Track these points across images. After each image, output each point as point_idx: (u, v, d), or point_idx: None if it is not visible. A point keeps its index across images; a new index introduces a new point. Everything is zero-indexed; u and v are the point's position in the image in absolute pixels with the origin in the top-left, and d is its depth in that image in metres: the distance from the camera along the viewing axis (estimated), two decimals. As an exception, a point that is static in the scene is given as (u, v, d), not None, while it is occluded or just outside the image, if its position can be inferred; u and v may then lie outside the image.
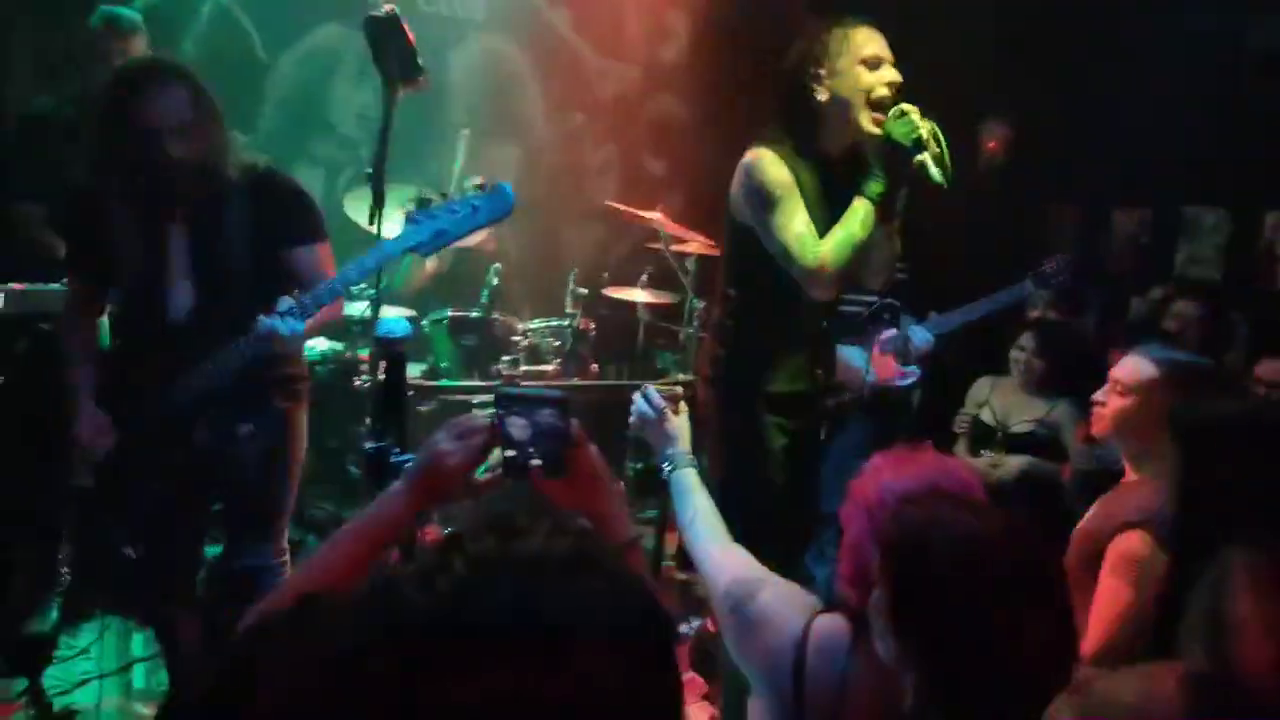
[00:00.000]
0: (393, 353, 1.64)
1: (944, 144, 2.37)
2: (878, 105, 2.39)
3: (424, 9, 4.88)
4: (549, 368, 4.16)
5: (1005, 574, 1.20)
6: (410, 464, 1.34)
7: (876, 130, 2.39)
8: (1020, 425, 3.81)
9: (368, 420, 2.57)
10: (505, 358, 4.11)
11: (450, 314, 4.13)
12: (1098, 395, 2.27)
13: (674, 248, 4.46)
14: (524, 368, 4.10)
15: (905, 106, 2.38)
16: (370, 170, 2.72)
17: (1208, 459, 1.81)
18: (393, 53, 2.70)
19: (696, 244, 4.38)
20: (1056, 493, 3.64)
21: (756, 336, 2.57)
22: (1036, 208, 5.33)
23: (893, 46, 2.49)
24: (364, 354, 3.76)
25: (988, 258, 4.68)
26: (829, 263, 2.37)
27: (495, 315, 4.17)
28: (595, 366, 4.34)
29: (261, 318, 2.19)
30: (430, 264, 4.44)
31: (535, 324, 4.25)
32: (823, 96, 2.40)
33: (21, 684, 2.73)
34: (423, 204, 2.22)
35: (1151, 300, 4.39)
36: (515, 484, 1.30)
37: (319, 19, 4.82)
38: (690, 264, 4.51)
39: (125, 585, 3.13)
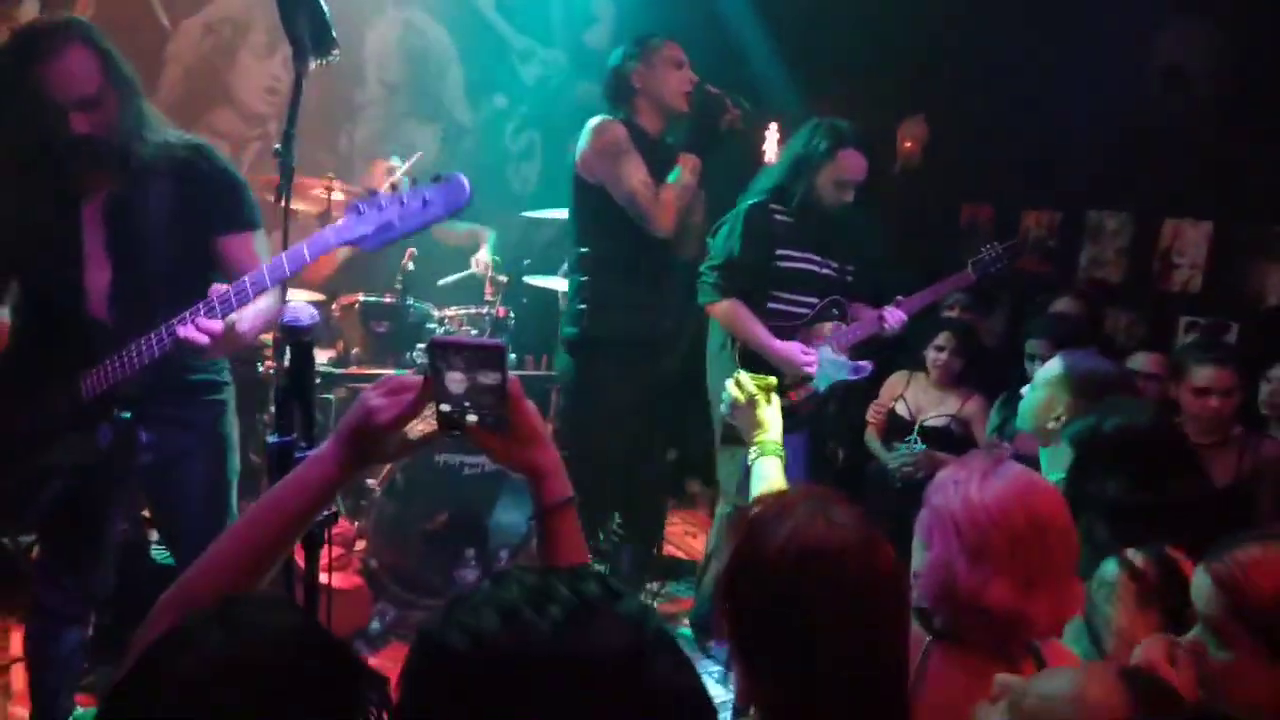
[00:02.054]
0: (299, 342, 1.55)
1: (740, 101, 3.06)
2: (683, 94, 3.10)
3: (340, -20, 4.70)
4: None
5: (843, 580, 1.20)
6: (341, 422, 1.26)
7: (684, 108, 3.11)
8: (934, 419, 3.95)
9: (271, 411, 2.43)
10: (420, 345, 3.99)
11: (362, 298, 3.99)
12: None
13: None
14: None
15: (708, 88, 3.08)
16: (278, 146, 2.60)
17: (1095, 469, 1.88)
18: (305, 23, 2.56)
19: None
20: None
21: (613, 287, 3.03)
22: (950, 207, 5.45)
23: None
24: (267, 342, 3.59)
25: (907, 254, 4.77)
26: (667, 206, 2.96)
27: (410, 301, 4.05)
28: (513, 355, 4.26)
29: (176, 329, 1.97)
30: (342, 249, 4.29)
31: (452, 310, 4.14)
32: (638, 83, 3.15)
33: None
34: (373, 194, 2.00)
35: (1042, 298, 4.57)
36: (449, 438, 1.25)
37: (226, -16, 4.59)
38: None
39: (5, 582, 2.94)
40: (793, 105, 4.56)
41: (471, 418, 1.21)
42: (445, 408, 1.21)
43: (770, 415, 1.91)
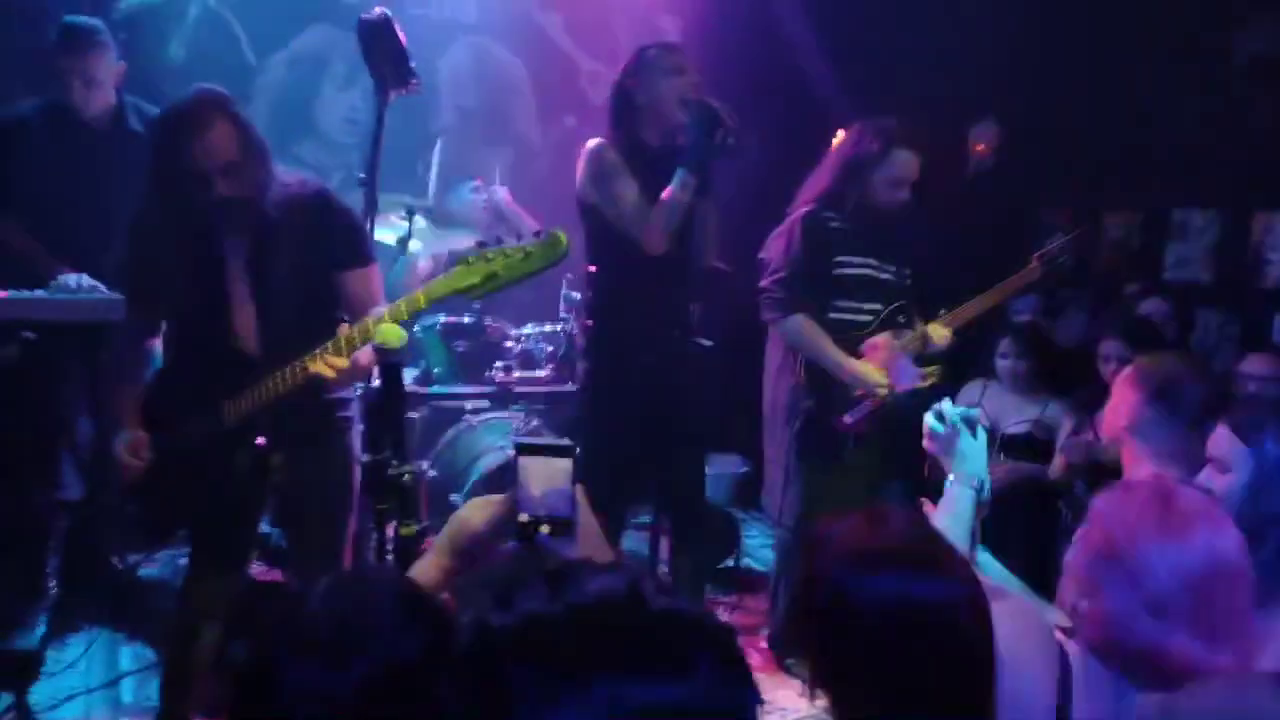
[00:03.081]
0: (389, 363, 1.62)
1: (725, 115, 2.93)
2: (682, 101, 2.98)
3: (414, 11, 4.84)
4: (542, 373, 4.13)
5: (891, 589, 1.18)
6: (441, 537, 1.41)
7: (683, 116, 2.97)
8: (1015, 426, 3.85)
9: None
10: (498, 363, 4.08)
11: (443, 319, 4.09)
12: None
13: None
14: (517, 373, 4.07)
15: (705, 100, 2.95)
16: (362, 175, 2.70)
17: None
18: (384, 56, 2.68)
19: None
20: (1046, 492, 3.67)
21: (618, 304, 3.06)
22: (1027, 210, 5.34)
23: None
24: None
25: (982, 260, 4.68)
26: (658, 224, 2.93)
27: (488, 320, 4.14)
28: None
29: (307, 361, 2.19)
30: (423, 267, 4.40)
31: (528, 329, 4.22)
32: (642, 100, 3.06)
33: (6, 700, 2.67)
34: (480, 245, 2.16)
35: (1124, 297, 4.44)
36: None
37: (308, 21, 4.77)
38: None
39: (116, 598, 3.10)
40: (856, 111, 4.54)
41: (545, 528, 1.35)
42: (524, 518, 1.36)
43: (972, 447, 1.91)
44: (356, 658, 0.98)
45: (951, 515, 1.79)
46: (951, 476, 1.87)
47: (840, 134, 3.41)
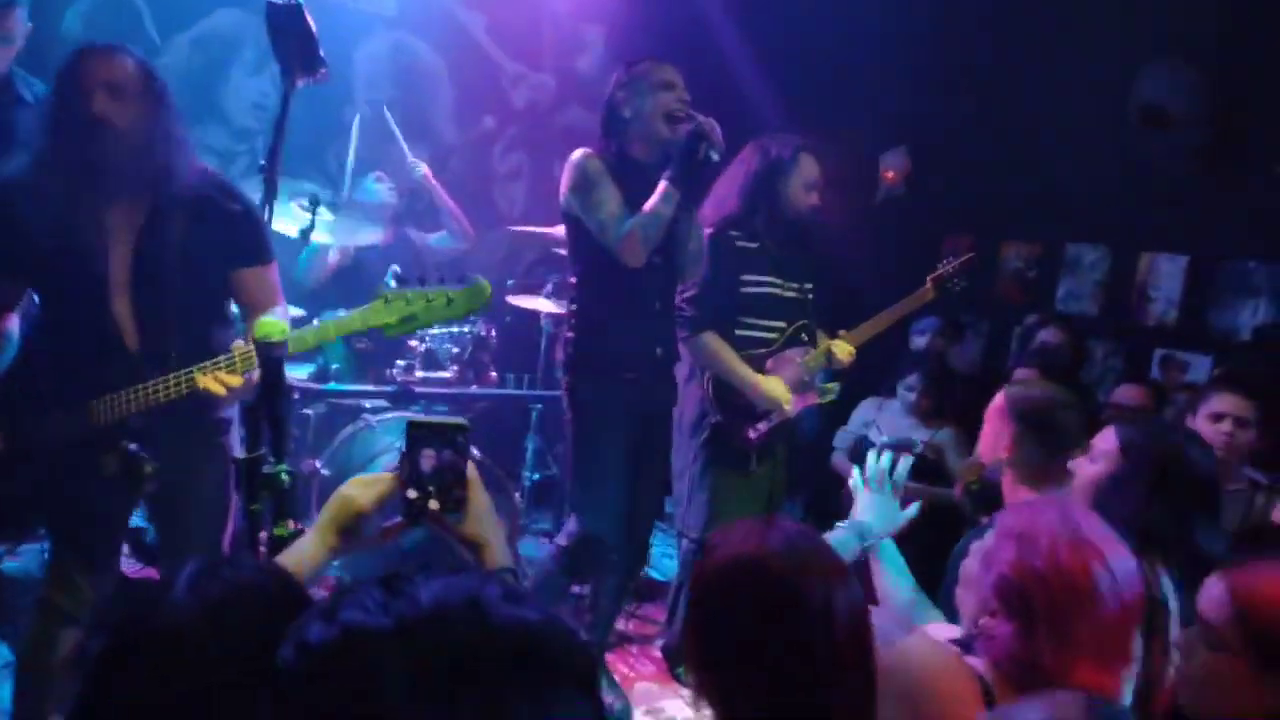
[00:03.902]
0: (270, 356, 1.57)
1: (714, 132, 2.91)
2: (671, 116, 2.97)
3: (331, 1, 4.75)
4: (447, 374, 4.07)
5: (767, 595, 1.21)
6: (323, 512, 1.36)
7: (670, 135, 2.98)
8: (907, 447, 3.95)
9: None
10: (400, 362, 4.01)
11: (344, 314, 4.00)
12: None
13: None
14: (420, 373, 4.00)
15: (696, 118, 2.93)
16: (263, 162, 2.63)
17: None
18: (292, 42, 2.60)
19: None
20: (956, 514, 3.78)
21: (599, 315, 3.01)
22: (931, 237, 5.51)
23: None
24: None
25: (885, 281, 4.82)
26: (635, 235, 2.89)
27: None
28: (495, 374, 4.28)
29: (196, 378, 2.07)
30: (332, 259, 4.31)
31: (434, 329, 4.16)
32: (628, 113, 3.03)
33: None
34: (401, 280, 2.11)
35: (1024, 326, 4.62)
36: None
37: (217, 2, 4.63)
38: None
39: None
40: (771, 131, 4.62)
41: (434, 504, 1.32)
42: (412, 494, 1.32)
43: (884, 507, 1.98)
44: (219, 655, 0.92)
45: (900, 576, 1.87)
46: (852, 517, 1.92)
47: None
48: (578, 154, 3.01)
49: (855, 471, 2.02)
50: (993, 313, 5.26)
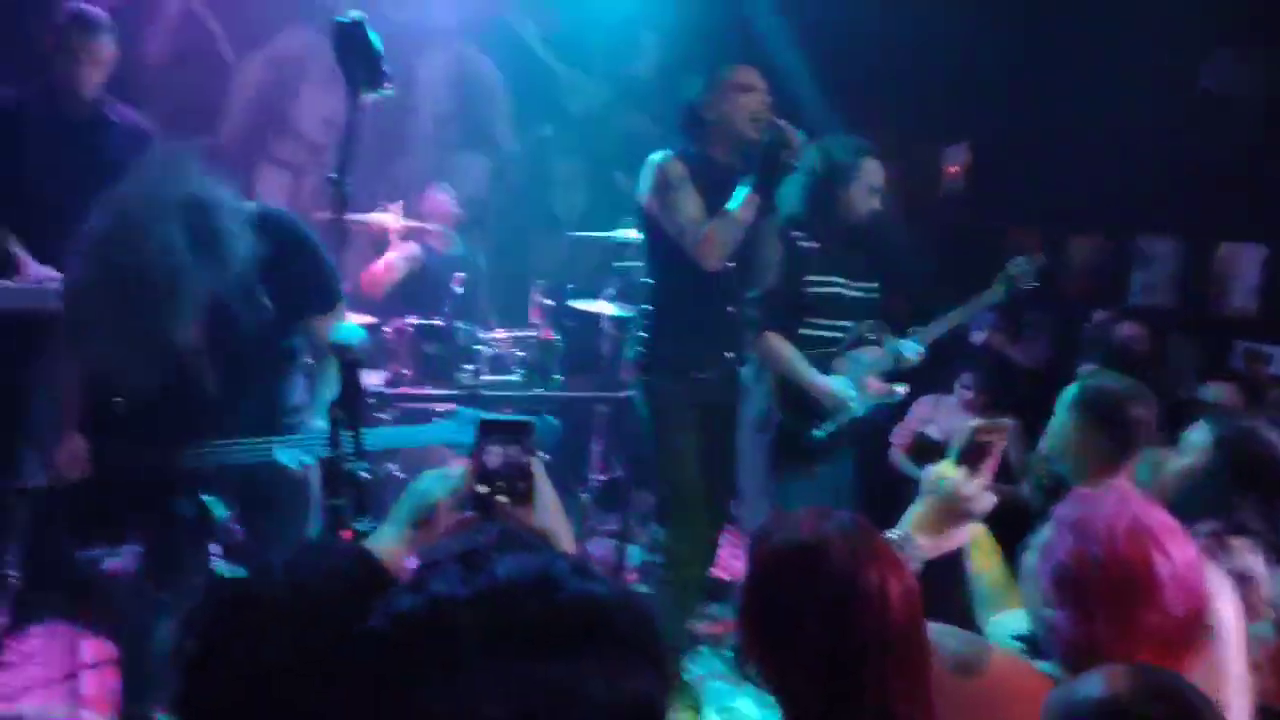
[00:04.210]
0: (347, 360, 1.64)
1: (790, 136, 2.91)
2: (753, 118, 2.96)
3: (392, 16, 4.87)
4: (513, 377, 4.15)
5: (814, 581, 1.21)
6: (399, 505, 1.41)
7: (754, 135, 2.96)
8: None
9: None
10: (468, 366, 4.09)
11: (414, 321, 4.10)
12: None
13: (640, 263, 4.47)
14: (486, 377, 4.08)
15: (773, 119, 2.94)
16: (333, 175, 2.71)
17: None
18: (358, 59, 2.69)
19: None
20: (1004, 507, 3.73)
21: (673, 319, 3.03)
22: (996, 232, 5.43)
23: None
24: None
25: (952, 279, 4.76)
26: (713, 239, 2.88)
27: (458, 323, 4.15)
28: (560, 378, 4.33)
29: (276, 452, 2.16)
30: (401, 267, 4.42)
31: (500, 333, 4.23)
32: (711, 116, 3.01)
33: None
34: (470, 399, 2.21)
35: (1096, 322, 4.52)
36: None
37: (285, 21, 4.78)
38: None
39: (77, 590, 3.08)
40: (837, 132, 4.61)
41: (502, 498, 1.37)
42: (482, 489, 1.37)
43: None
44: (311, 629, 0.98)
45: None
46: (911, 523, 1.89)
47: None
48: (658, 156, 3.01)
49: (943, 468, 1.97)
50: (1060, 308, 5.16)
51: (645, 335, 3.10)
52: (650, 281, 3.11)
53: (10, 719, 2.67)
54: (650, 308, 3.11)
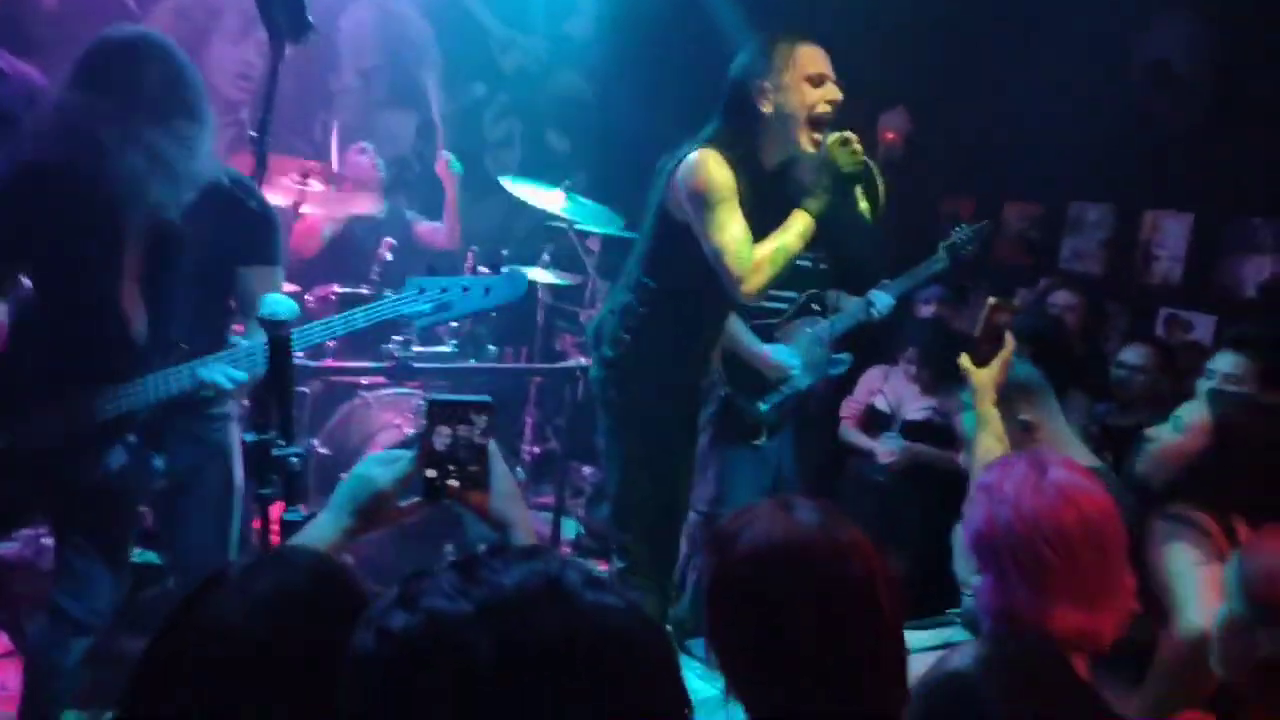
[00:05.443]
0: (277, 336, 1.49)
1: (879, 182, 2.64)
2: (817, 121, 2.53)
3: (314, -36, 4.61)
4: (445, 349, 3.99)
5: (798, 582, 1.18)
6: (339, 492, 1.33)
7: (812, 149, 2.53)
8: (915, 413, 3.93)
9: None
10: (397, 338, 3.91)
11: (338, 289, 3.91)
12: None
13: (577, 227, 4.35)
14: (417, 348, 3.92)
15: (849, 135, 2.53)
16: (253, 133, 2.54)
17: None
18: (279, 7, 2.51)
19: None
20: (950, 478, 3.76)
21: (666, 327, 2.69)
22: (932, 199, 5.44)
23: (798, 34, 2.64)
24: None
25: (886, 246, 4.75)
26: (761, 268, 2.51)
27: (387, 292, 3.96)
28: (493, 348, 4.20)
29: (200, 371, 2.03)
30: (324, 230, 4.21)
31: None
32: (767, 109, 2.53)
33: None
34: (432, 271, 2.12)
35: (1037, 291, 4.56)
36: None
37: (197, -33, 4.49)
38: (593, 244, 4.40)
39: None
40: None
41: (453, 482, 1.30)
42: (431, 473, 1.30)
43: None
44: (276, 644, 0.91)
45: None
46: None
47: None
48: (704, 156, 2.51)
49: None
50: (994, 275, 5.21)
51: (627, 337, 2.73)
52: (649, 283, 2.68)
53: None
54: (643, 310, 2.70)
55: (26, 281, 2.20)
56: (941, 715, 1.05)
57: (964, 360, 2.14)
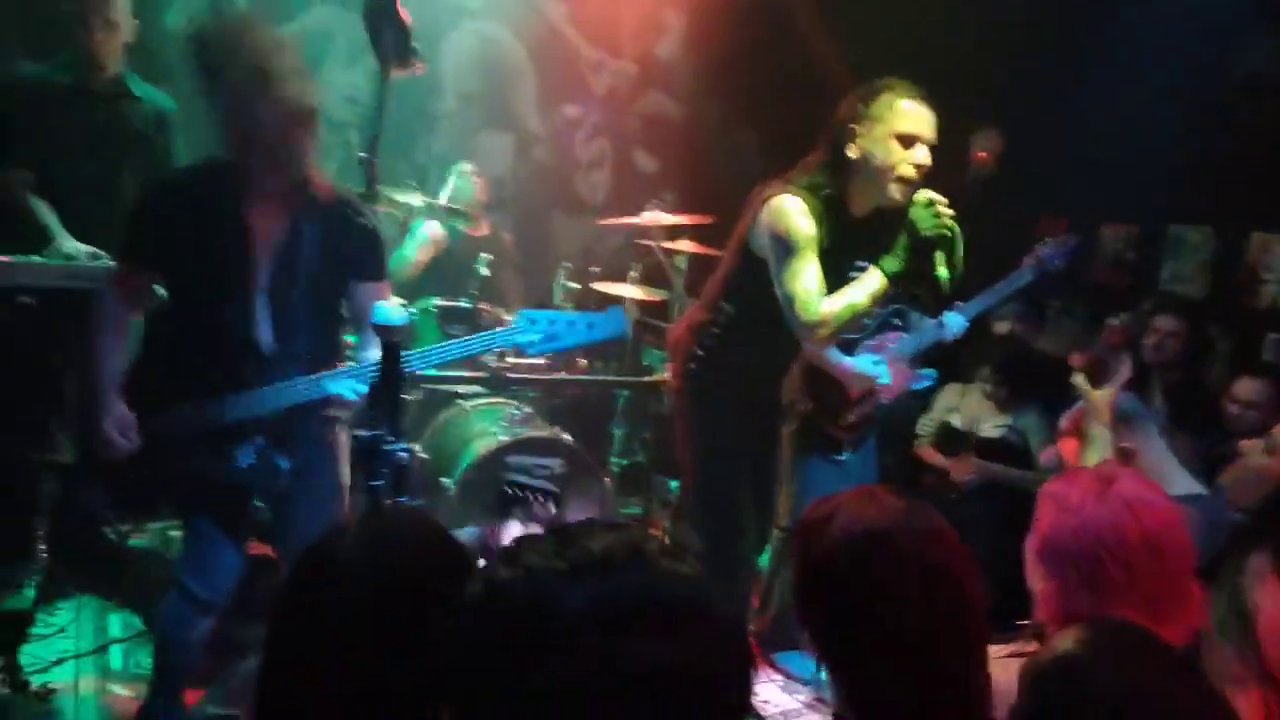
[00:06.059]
0: (390, 342, 1.62)
1: (960, 248, 2.59)
2: (901, 181, 2.54)
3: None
4: (538, 361, 4.13)
5: (897, 566, 1.21)
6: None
7: (901, 200, 2.54)
8: (990, 430, 3.89)
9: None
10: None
11: (438, 303, 4.09)
12: None
13: (665, 245, 4.44)
14: (510, 360, 4.07)
15: (936, 198, 2.56)
16: (362, 155, 2.71)
17: None
18: (388, 35, 2.68)
19: (688, 242, 4.36)
20: (1022, 497, 3.71)
21: (739, 353, 2.78)
22: (1025, 220, 5.36)
23: (886, 60, 2.61)
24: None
25: (978, 266, 4.71)
26: (828, 322, 2.57)
27: (483, 306, 4.14)
28: (584, 362, 4.32)
29: (328, 384, 2.20)
30: (423, 252, 4.40)
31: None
32: (854, 155, 2.56)
33: (-3, 660, 2.67)
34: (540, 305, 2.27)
35: (1137, 313, 4.43)
36: None
37: (312, -3, 4.77)
38: (680, 261, 4.49)
39: (106, 566, 3.10)
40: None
41: None
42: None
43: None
44: (398, 597, 1.04)
45: None
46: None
47: None
48: (788, 203, 2.56)
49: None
50: (1090, 296, 5.10)
51: (702, 354, 2.84)
52: (727, 307, 2.80)
53: (40, 692, 2.69)
54: (718, 332, 2.82)
55: (162, 292, 2.42)
56: (1055, 695, 1.08)
57: (1079, 379, 2.13)
